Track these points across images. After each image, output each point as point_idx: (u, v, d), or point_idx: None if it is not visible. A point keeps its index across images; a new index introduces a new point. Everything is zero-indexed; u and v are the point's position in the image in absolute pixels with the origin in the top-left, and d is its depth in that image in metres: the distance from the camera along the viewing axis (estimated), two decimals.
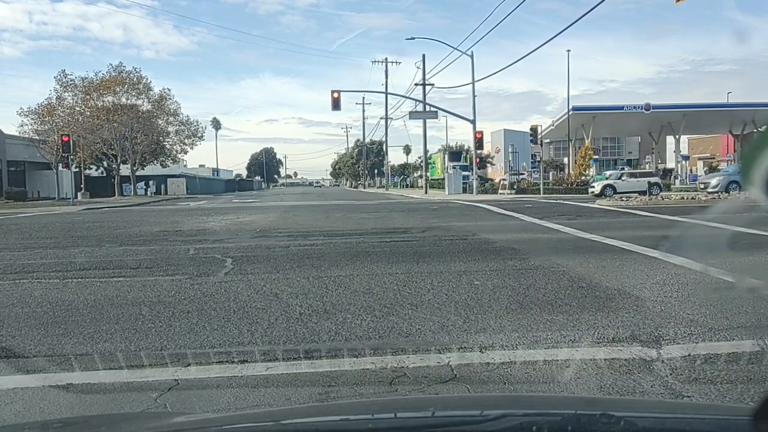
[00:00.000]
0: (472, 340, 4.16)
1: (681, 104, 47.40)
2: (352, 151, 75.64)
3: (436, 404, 1.51)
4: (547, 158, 43.49)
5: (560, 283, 6.16)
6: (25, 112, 43.52)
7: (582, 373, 3.50)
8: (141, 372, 3.64)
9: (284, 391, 3.35)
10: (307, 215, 18.78)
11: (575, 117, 45.07)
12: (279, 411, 2.26)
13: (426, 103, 39.46)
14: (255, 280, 6.67)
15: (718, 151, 64.36)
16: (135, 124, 44.92)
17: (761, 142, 0.96)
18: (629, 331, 4.28)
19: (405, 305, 5.23)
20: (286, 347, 4.07)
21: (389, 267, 7.40)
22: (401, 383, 3.37)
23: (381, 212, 19.21)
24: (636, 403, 2.27)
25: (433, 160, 60.00)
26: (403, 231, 12.40)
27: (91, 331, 4.58)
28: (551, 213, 16.54)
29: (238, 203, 31.37)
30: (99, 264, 8.29)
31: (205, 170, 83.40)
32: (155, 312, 5.15)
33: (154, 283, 6.61)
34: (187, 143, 51.55)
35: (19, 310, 5.36)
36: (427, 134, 43.94)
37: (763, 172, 0.93)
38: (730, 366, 3.56)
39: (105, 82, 45.28)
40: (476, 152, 38.37)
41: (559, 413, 1.19)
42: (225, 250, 9.41)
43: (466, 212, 18.67)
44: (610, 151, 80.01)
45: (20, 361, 3.93)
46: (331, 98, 32.51)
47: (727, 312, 4.79)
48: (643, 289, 5.77)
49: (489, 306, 5.17)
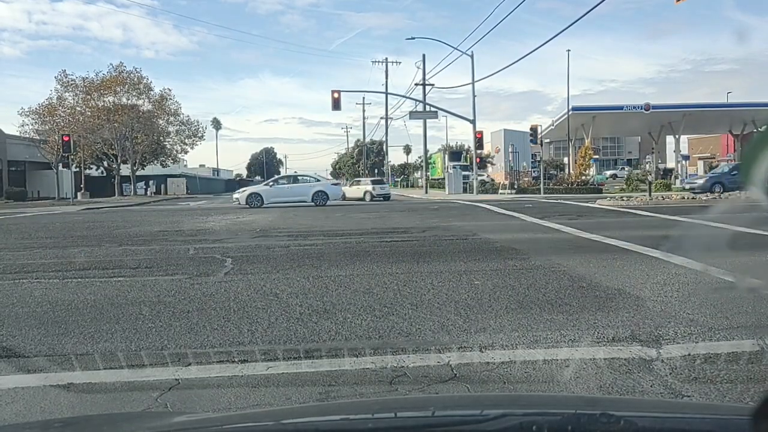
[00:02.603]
0: (472, 339, 4.16)
1: (681, 104, 47.35)
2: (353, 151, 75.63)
3: (436, 404, 1.51)
4: (547, 158, 43.48)
5: (560, 282, 6.16)
6: (25, 112, 43.57)
7: (582, 372, 3.50)
8: (141, 371, 3.64)
9: (284, 391, 3.35)
10: (307, 215, 18.78)
11: (575, 117, 45.05)
12: (279, 410, 2.27)
13: (426, 103, 39.44)
14: (255, 279, 6.67)
15: (718, 151, 64.31)
16: (135, 124, 44.92)
17: (761, 142, 0.96)
18: (629, 331, 4.28)
19: (405, 305, 5.23)
20: (286, 347, 4.08)
21: (389, 267, 7.40)
22: (401, 383, 3.37)
23: (381, 212, 19.21)
24: (636, 402, 2.27)
25: (434, 160, 59.94)
26: (404, 231, 12.40)
27: (92, 330, 4.58)
28: (552, 213, 16.54)
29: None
30: (99, 264, 8.30)
31: (206, 170, 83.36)
32: (155, 312, 5.15)
33: (154, 282, 6.61)
34: (188, 143, 51.53)
35: (20, 310, 5.37)
36: (427, 134, 43.91)
37: (763, 172, 0.94)
38: (730, 366, 3.56)
39: (105, 82, 45.26)
40: (476, 152, 38.33)
41: (559, 413, 1.20)
42: (225, 250, 9.41)
43: (466, 212, 18.66)
44: (610, 150, 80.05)
45: (21, 361, 3.94)
46: (332, 98, 32.49)
47: (727, 312, 4.79)
48: (643, 288, 5.77)
49: (489, 306, 5.18)
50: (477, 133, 36.33)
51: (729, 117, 47.62)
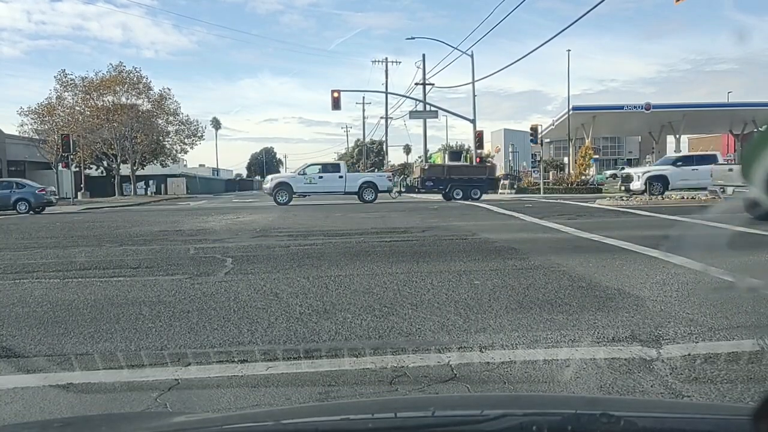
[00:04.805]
0: (472, 339, 4.16)
1: (681, 104, 47.39)
2: (353, 150, 75.69)
3: (436, 404, 1.51)
4: (547, 158, 43.47)
5: (560, 282, 6.16)
6: (25, 111, 43.60)
7: (582, 372, 3.50)
8: (141, 371, 3.64)
9: (284, 391, 3.35)
10: (307, 215, 18.78)
11: (575, 116, 45.08)
12: (279, 410, 2.26)
13: (426, 102, 39.45)
14: (255, 279, 6.67)
15: (719, 151, 64.24)
16: (135, 124, 44.92)
17: (761, 141, 0.96)
18: (629, 331, 4.28)
19: (405, 305, 5.23)
20: (286, 347, 4.07)
21: (389, 267, 7.40)
22: (401, 383, 3.37)
23: (381, 212, 19.20)
24: (636, 402, 2.27)
25: (434, 160, 59.93)
26: (403, 231, 12.40)
27: (91, 330, 4.58)
28: (551, 213, 16.54)
29: (238, 203, 31.36)
30: (99, 264, 8.30)
31: (205, 170, 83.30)
32: (155, 312, 5.15)
33: (155, 282, 6.61)
34: (187, 143, 51.53)
35: (20, 310, 5.37)
36: (427, 134, 43.98)
37: (763, 172, 0.93)
38: (730, 366, 3.56)
39: (105, 81, 45.27)
40: (476, 152, 38.35)
41: (559, 413, 1.19)
42: (225, 250, 9.41)
43: (466, 212, 18.66)
44: (610, 150, 79.99)
45: (20, 361, 3.94)
46: (331, 98, 32.49)
47: (727, 312, 4.79)
48: (643, 288, 5.77)
49: (489, 305, 5.17)
50: (477, 133, 36.35)
51: (729, 117, 47.65)
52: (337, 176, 26.23)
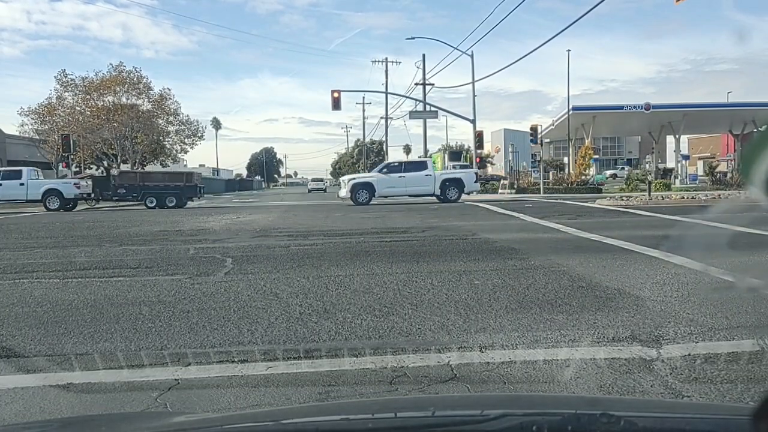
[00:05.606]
0: (472, 339, 4.16)
1: (681, 104, 47.36)
2: (353, 150, 75.73)
3: (436, 404, 1.51)
4: (547, 158, 43.46)
5: (560, 282, 6.16)
6: (25, 111, 43.50)
7: (582, 372, 3.50)
8: (141, 371, 3.64)
9: (284, 391, 3.35)
10: (307, 215, 18.78)
11: (575, 116, 45.06)
12: (279, 410, 2.26)
13: (426, 102, 39.44)
14: (255, 279, 6.67)
15: (718, 151, 64.36)
16: (135, 124, 44.88)
17: (761, 141, 0.96)
18: (629, 331, 4.28)
19: (405, 305, 5.23)
20: (286, 347, 4.07)
21: (389, 267, 7.40)
22: (401, 383, 3.37)
23: (381, 212, 19.20)
24: (636, 402, 2.27)
25: (434, 160, 59.95)
26: (403, 231, 12.40)
27: (91, 330, 4.58)
28: (551, 213, 16.53)
29: (238, 203, 31.37)
30: (99, 264, 8.30)
31: (205, 170, 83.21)
32: (155, 312, 5.15)
33: (154, 282, 6.61)
34: (188, 143, 51.46)
35: (20, 310, 5.37)
36: (427, 134, 43.95)
37: (763, 172, 0.93)
38: (730, 365, 3.56)
39: (105, 81, 45.22)
40: (476, 152, 38.35)
41: (559, 413, 1.19)
42: (225, 250, 9.41)
43: (466, 212, 18.66)
44: (610, 150, 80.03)
45: (20, 361, 3.94)
46: (331, 98, 32.48)
47: (727, 312, 4.79)
48: (643, 288, 5.77)
49: (489, 305, 5.17)
50: (477, 133, 36.34)
51: (729, 117, 47.62)
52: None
